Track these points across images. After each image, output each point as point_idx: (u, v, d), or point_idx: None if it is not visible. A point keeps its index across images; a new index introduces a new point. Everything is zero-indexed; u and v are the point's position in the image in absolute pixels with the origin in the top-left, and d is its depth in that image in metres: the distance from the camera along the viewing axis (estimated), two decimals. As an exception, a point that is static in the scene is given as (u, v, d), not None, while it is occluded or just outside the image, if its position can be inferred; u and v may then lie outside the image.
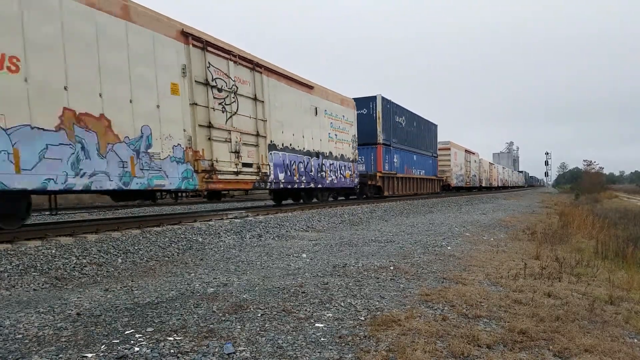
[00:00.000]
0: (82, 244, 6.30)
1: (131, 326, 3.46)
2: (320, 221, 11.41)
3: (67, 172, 6.53)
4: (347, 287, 4.72)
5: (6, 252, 5.49)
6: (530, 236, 9.89)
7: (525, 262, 5.94)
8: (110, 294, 4.51)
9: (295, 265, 6.08)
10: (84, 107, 6.86)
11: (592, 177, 59.26)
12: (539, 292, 4.68)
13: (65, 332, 3.34)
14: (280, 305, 4.02)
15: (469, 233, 10.09)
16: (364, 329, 3.40)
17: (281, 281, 5.01)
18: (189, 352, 2.93)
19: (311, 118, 14.18)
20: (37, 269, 5.34)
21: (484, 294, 4.50)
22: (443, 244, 8.06)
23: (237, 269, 5.88)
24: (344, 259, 6.41)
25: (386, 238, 8.87)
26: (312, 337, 3.25)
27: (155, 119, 8.13)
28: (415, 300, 4.27)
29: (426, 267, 5.92)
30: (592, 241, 9.60)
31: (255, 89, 11.26)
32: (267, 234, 9.11)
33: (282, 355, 2.93)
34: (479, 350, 3.07)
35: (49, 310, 3.87)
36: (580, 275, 5.76)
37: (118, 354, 2.88)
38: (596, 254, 7.99)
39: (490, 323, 3.65)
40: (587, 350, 3.14)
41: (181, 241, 7.48)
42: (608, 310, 4.20)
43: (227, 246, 7.84)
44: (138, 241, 6.95)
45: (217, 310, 3.85)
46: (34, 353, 2.92)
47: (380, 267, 5.77)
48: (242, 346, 3.05)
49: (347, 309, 3.92)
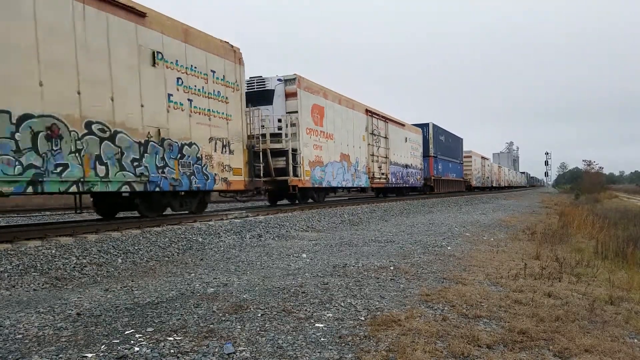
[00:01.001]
0: (82, 244, 6.30)
1: (131, 326, 3.46)
2: (320, 221, 11.41)
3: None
4: (347, 287, 4.72)
5: (6, 252, 5.49)
6: (530, 236, 9.89)
7: (526, 262, 5.94)
8: (110, 294, 4.51)
9: (295, 265, 6.08)
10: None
11: (592, 177, 59.21)
12: (539, 292, 4.68)
13: (65, 332, 3.34)
14: (280, 305, 4.02)
15: (469, 233, 10.09)
16: (364, 329, 3.40)
17: (281, 281, 5.01)
18: (189, 352, 2.93)
19: (403, 144, 23.18)
20: (37, 269, 5.34)
21: (484, 294, 4.50)
22: (443, 244, 8.06)
23: (237, 269, 5.88)
24: (344, 259, 6.41)
25: (386, 238, 8.87)
26: (312, 337, 3.25)
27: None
28: (415, 300, 4.27)
29: (426, 267, 5.92)
30: (592, 241, 9.60)
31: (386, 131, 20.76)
32: (267, 234, 9.11)
33: (282, 355, 2.93)
34: (479, 350, 3.07)
35: (49, 310, 3.87)
36: (580, 276, 5.76)
37: (118, 354, 2.88)
38: (596, 254, 7.98)
39: (490, 323, 3.65)
40: (587, 350, 3.14)
41: (181, 241, 7.48)
42: (608, 311, 4.20)
43: (227, 246, 7.84)
44: (138, 241, 6.94)
45: (217, 310, 3.85)
46: (34, 353, 2.92)
47: (380, 267, 5.78)
48: (242, 346, 3.05)
49: (347, 309, 3.92)
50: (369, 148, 18.33)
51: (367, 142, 18.07)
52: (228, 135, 10.31)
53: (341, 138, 16.07)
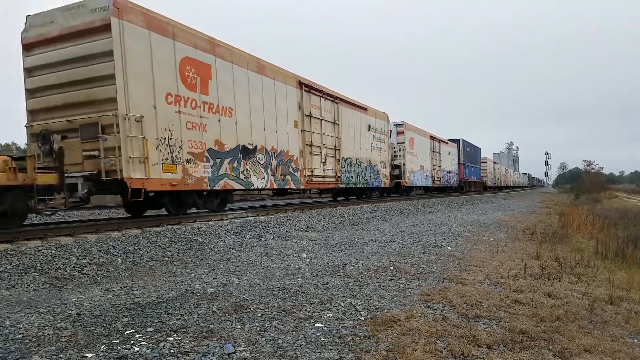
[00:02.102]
0: (82, 244, 6.30)
1: (131, 326, 3.46)
2: (320, 221, 11.41)
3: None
4: (347, 287, 4.72)
5: (6, 252, 5.49)
6: (530, 236, 9.89)
7: (525, 262, 5.94)
8: (110, 294, 4.51)
9: (295, 265, 6.08)
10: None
11: (592, 177, 59.22)
12: (539, 292, 4.68)
13: (65, 332, 3.34)
14: (280, 305, 4.02)
15: (469, 233, 10.09)
16: (364, 329, 3.40)
17: (281, 281, 5.01)
18: (189, 352, 2.93)
19: (447, 156, 31.99)
20: (37, 269, 5.34)
21: (484, 294, 4.51)
22: (443, 244, 8.06)
23: (237, 269, 5.88)
24: (344, 259, 6.41)
25: (386, 238, 8.87)
26: (312, 337, 3.25)
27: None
28: (415, 300, 4.27)
29: (426, 267, 5.92)
30: (592, 241, 9.61)
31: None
32: (267, 234, 9.11)
33: (282, 355, 2.93)
34: (479, 350, 3.07)
35: (49, 310, 3.87)
36: (580, 276, 5.76)
37: (118, 354, 2.88)
38: (596, 254, 7.99)
39: (490, 323, 3.66)
40: (587, 350, 3.14)
41: (181, 241, 7.48)
42: (608, 311, 4.20)
43: (227, 246, 7.84)
44: (138, 241, 6.94)
45: (217, 310, 3.85)
46: (34, 353, 2.92)
47: (380, 267, 5.78)
48: (242, 346, 3.05)
49: (347, 309, 3.92)
50: (433, 161, 28.19)
51: (430, 157, 27.63)
52: (385, 159, 20.46)
53: (423, 157, 26.20)
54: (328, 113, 15.10)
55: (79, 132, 7.77)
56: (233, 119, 10.31)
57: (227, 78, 10.16)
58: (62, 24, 7.87)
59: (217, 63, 9.80)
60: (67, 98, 7.94)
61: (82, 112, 7.81)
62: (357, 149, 17.39)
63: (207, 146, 9.43)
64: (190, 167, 8.94)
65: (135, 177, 7.63)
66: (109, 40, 7.45)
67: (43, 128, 7.99)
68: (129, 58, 7.65)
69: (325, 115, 14.91)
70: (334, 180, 15.38)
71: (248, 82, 10.89)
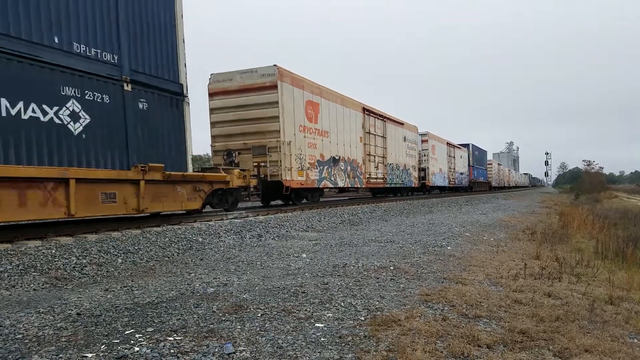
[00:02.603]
0: (82, 244, 6.30)
1: (131, 326, 3.46)
2: (320, 221, 11.41)
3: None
4: (347, 287, 4.72)
5: (6, 252, 5.49)
6: (530, 236, 9.89)
7: (525, 262, 5.94)
8: (110, 294, 4.51)
9: (295, 265, 6.08)
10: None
11: (592, 177, 59.29)
12: (539, 292, 4.68)
13: (65, 332, 3.34)
14: (280, 305, 4.02)
15: (469, 233, 10.09)
16: (364, 329, 3.40)
17: (281, 281, 5.01)
18: (189, 352, 2.93)
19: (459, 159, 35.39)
20: (37, 269, 5.34)
21: (484, 294, 4.51)
22: (443, 244, 8.06)
23: (237, 269, 5.88)
24: (344, 259, 6.41)
25: (386, 238, 8.87)
26: (312, 337, 3.25)
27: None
28: (415, 300, 4.27)
29: (426, 267, 5.92)
30: (592, 241, 9.61)
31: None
32: (267, 234, 9.11)
33: (282, 355, 2.93)
34: (479, 350, 3.07)
35: (49, 310, 3.87)
36: (580, 276, 5.76)
37: (118, 354, 2.88)
38: (596, 254, 7.99)
39: (490, 323, 3.66)
40: (587, 350, 3.14)
41: (181, 241, 7.48)
42: (608, 311, 4.20)
43: (227, 246, 7.84)
44: (138, 241, 6.94)
45: (217, 310, 3.85)
46: (34, 353, 2.92)
47: (380, 267, 5.78)
48: (242, 346, 3.05)
49: (347, 309, 3.92)
50: (449, 165, 32.00)
51: (447, 161, 31.58)
52: (415, 163, 24.45)
53: (442, 161, 30.38)
54: (379, 129, 19.97)
55: (251, 150, 12.20)
56: (328, 139, 14.86)
57: (326, 111, 14.77)
58: (239, 82, 12.37)
59: (322, 102, 14.49)
60: (244, 129, 12.37)
61: (253, 138, 12.32)
62: (397, 156, 22.13)
63: (316, 158, 13.93)
64: (309, 172, 13.42)
65: (286, 179, 12.13)
66: (276, 94, 11.92)
67: (227, 147, 12.32)
68: (283, 105, 12.10)
69: (377, 131, 19.75)
70: (382, 181, 20.17)
71: (336, 112, 15.52)
